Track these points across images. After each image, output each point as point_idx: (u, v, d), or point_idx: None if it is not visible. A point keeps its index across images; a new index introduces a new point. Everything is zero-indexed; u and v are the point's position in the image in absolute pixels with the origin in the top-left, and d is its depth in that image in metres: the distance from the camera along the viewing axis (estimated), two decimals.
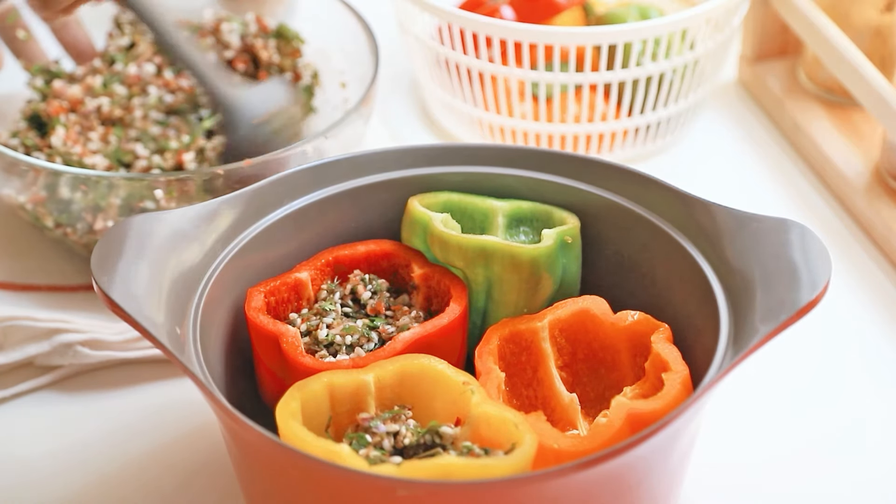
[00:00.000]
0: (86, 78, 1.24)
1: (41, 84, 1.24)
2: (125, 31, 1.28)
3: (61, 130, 1.19)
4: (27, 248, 1.24)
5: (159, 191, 1.11)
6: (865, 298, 1.21)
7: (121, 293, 0.94)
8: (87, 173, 1.11)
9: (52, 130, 1.19)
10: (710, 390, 0.90)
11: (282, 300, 1.03)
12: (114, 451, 1.08)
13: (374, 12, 1.38)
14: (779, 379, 1.14)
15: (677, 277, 1.02)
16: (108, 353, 1.14)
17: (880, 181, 1.28)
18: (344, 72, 1.31)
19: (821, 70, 1.37)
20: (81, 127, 1.20)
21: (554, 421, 1.00)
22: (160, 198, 1.12)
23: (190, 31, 1.28)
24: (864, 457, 1.08)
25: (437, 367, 0.96)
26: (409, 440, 0.92)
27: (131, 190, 1.11)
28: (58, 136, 1.18)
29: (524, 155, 1.08)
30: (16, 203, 1.17)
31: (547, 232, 1.04)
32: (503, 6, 1.37)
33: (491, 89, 1.32)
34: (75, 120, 1.20)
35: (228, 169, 1.12)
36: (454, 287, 1.03)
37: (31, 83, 1.24)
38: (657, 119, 1.33)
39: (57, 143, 1.18)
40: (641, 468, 0.91)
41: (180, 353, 0.93)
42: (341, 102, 1.30)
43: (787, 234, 0.98)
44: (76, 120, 1.20)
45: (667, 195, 1.04)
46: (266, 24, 1.29)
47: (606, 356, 1.03)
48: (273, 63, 1.28)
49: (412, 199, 1.06)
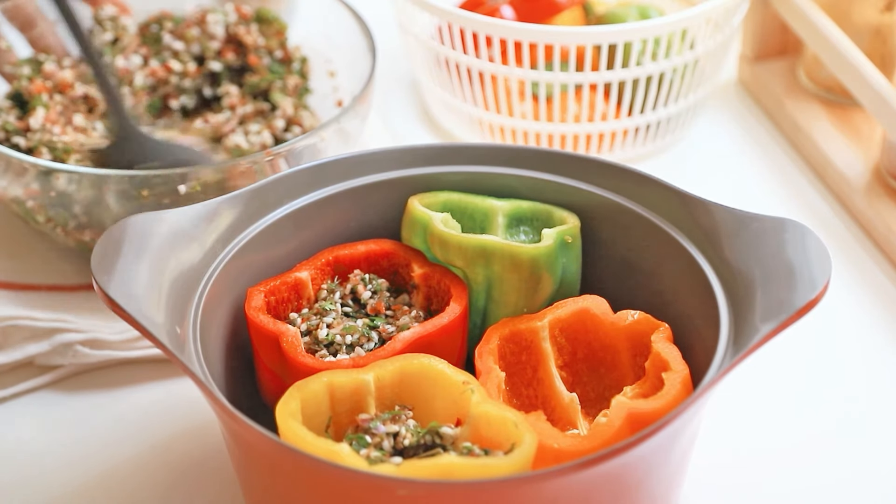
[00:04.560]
0: (80, 64, 1.25)
1: (29, 71, 1.24)
2: (106, 27, 1.29)
3: (41, 111, 1.19)
4: (27, 248, 1.24)
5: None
6: (865, 298, 1.21)
7: (121, 293, 0.94)
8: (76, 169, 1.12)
9: (32, 110, 1.19)
10: (710, 390, 0.90)
11: (282, 300, 1.03)
12: (114, 450, 1.08)
13: (374, 12, 1.38)
14: (779, 379, 1.14)
15: (677, 277, 1.02)
16: (108, 352, 1.14)
17: (880, 181, 1.28)
18: (340, 70, 1.31)
19: (821, 70, 1.37)
20: (64, 108, 1.21)
21: (554, 421, 1.00)
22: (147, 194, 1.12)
23: (175, 22, 1.29)
24: (863, 457, 1.08)
25: (437, 366, 0.96)
26: (408, 441, 0.92)
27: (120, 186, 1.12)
28: (37, 118, 1.19)
29: (524, 155, 1.08)
30: (7, 197, 1.17)
31: (547, 232, 1.04)
32: (503, 6, 1.37)
33: (491, 89, 1.32)
34: (60, 101, 1.20)
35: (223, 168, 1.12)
36: (454, 287, 1.03)
37: (18, 71, 1.25)
38: (657, 119, 1.33)
39: (35, 124, 1.18)
40: (641, 468, 0.91)
41: (180, 352, 0.93)
42: (339, 101, 1.30)
43: (786, 234, 0.98)
44: (61, 101, 1.20)
45: (667, 195, 1.04)
46: (245, 11, 1.30)
47: (606, 356, 1.03)
48: (260, 46, 1.28)
49: (412, 199, 1.06)
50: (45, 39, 1.28)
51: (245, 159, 1.12)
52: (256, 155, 1.13)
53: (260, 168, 1.13)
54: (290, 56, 1.30)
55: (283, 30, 1.30)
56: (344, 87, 1.30)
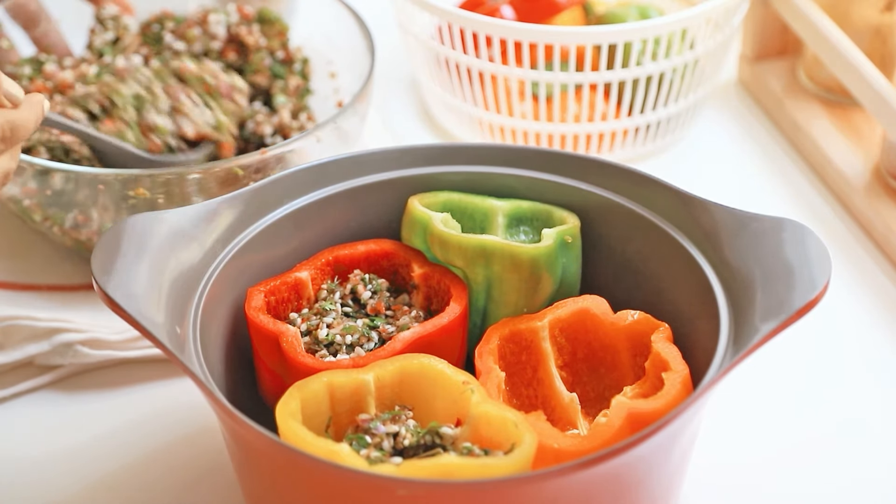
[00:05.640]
0: (80, 66, 1.25)
1: (29, 71, 1.24)
2: (108, 25, 1.29)
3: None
4: (27, 248, 1.24)
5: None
6: (865, 298, 1.21)
7: (121, 293, 0.94)
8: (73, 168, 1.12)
9: (69, 115, 1.19)
10: (710, 390, 0.90)
11: (282, 300, 1.03)
12: (114, 450, 1.08)
13: (374, 12, 1.38)
14: (779, 379, 1.14)
15: (677, 277, 1.02)
16: (108, 352, 1.14)
17: (880, 181, 1.28)
18: (340, 70, 1.31)
19: (821, 70, 1.37)
20: (64, 108, 1.21)
21: (554, 420, 1.00)
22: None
23: (176, 22, 1.29)
24: (863, 457, 1.08)
25: (437, 366, 0.96)
26: (408, 441, 0.92)
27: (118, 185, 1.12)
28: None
29: (524, 155, 1.08)
30: (4, 196, 1.17)
31: (547, 231, 1.04)
32: (503, 6, 1.37)
33: (491, 89, 1.32)
34: (60, 101, 1.20)
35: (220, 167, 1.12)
36: (454, 287, 1.03)
37: (19, 70, 1.25)
38: (657, 119, 1.33)
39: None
40: (641, 468, 0.91)
41: (180, 352, 0.93)
42: (339, 102, 1.30)
43: (786, 234, 0.98)
44: (61, 101, 1.20)
45: (667, 195, 1.04)
46: (247, 12, 1.30)
47: (606, 356, 1.03)
48: (261, 47, 1.28)
49: (412, 199, 1.06)
50: (47, 38, 1.28)
51: (244, 158, 1.12)
52: (253, 154, 1.13)
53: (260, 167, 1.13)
54: (291, 57, 1.30)
55: (285, 30, 1.30)
56: (345, 88, 1.30)
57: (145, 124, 1.17)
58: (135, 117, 1.17)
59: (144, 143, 1.17)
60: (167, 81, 1.19)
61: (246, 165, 1.13)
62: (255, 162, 1.13)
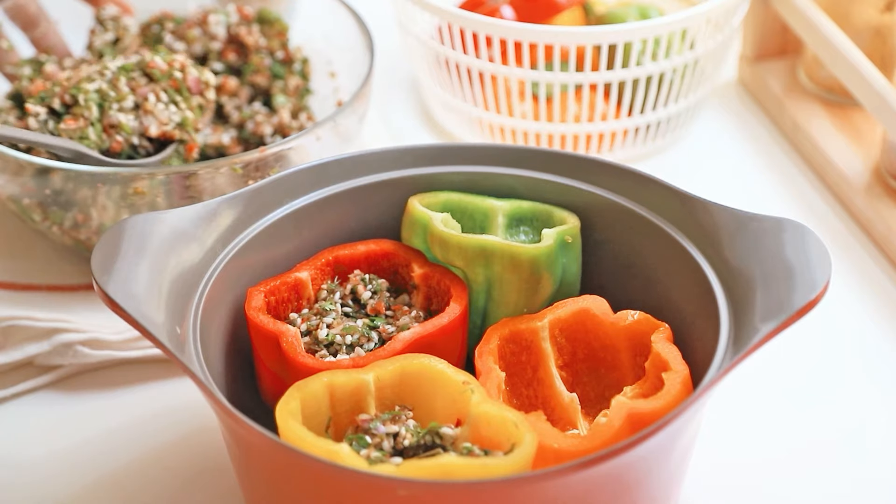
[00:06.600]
0: (80, 66, 1.25)
1: (29, 72, 1.24)
2: (108, 26, 1.29)
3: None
4: (27, 248, 1.24)
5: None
6: (865, 298, 1.21)
7: (121, 293, 0.94)
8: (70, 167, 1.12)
9: (29, 110, 1.19)
10: (710, 390, 0.90)
11: (282, 300, 1.03)
12: (114, 450, 1.08)
13: (374, 12, 1.38)
14: (779, 379, 1.14)
15: (677, 277, 1.02)
16: (108, 352, 1.14)
17: (880, 181, 1.28)
18: (340, 70, 1.31)
19: (821, 70, 1.37)
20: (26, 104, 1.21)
21: (554, 421, 1.00)
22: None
23: (176, 23, 1.29)
24: (864, 456, 1.08)
25: (437, 366, 0.96)
26: (408, 441, 0.92)
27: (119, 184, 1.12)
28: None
29: (524, 155, 1.08)
30: (4, 195, 1.17)
31: (547, 232, 1.04)
32: (503, 6, 1.37)
33: (491, 89, 1.32)
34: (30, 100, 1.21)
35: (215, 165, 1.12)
36: (454, 287, 1.03)
37: (19, 71, 1.25)
38: (657, 119, 1.33)
39: (34, 124, 1.18)
40: (641, 468, 0.91)
41: (180, 352, 0.93)
42: (339, 102, 1.30)
43: (786, 234, 0.98)
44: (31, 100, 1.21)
45: (667, 195, 1.04)
46: (246, 12, 1.30)
47: (606, 356, 1.03)
48: (261, 47, 1.28)
49: (412, 199, 1.07)
50: (47, 39, 1.29)
51: (241, 157, 1.12)
52: (252, 152, 1.13)
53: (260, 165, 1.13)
54: (291, 57, 1.30)
55: (285, 31, 1.30)
56: (345, 87, 1.30)
57: (108, 122, 1.16)
58: (97, 115, 1.16)
59: (106, 141, 1.16)
60: (134, 78, 1.18)
61: (245, 163, 1.13)
62: (255, 160, 1.13)
